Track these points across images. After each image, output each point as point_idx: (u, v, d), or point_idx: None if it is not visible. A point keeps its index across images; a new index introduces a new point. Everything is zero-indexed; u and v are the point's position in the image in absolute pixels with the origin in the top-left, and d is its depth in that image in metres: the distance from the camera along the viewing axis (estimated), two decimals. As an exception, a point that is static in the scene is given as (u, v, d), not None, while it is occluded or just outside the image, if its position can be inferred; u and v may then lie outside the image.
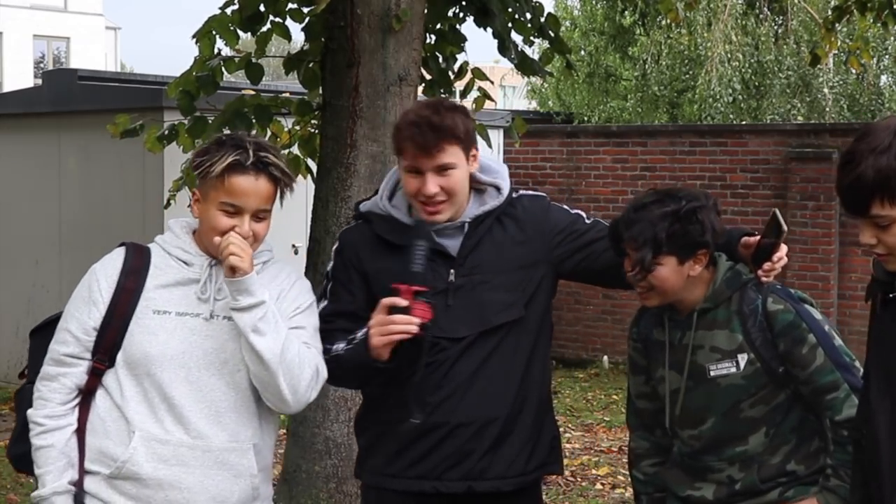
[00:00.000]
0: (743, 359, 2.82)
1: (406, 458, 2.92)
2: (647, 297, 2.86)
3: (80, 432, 2.70)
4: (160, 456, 2.63)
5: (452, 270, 2.90)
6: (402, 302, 2.74)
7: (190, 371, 2.65)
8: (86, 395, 2.71)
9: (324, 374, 2.77)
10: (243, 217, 2.65)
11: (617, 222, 2.87)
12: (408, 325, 2.73)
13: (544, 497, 6.49)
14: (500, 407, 2.92)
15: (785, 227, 2.83)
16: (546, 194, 3.15)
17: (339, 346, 2.88)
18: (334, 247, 3.06)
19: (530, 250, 2.97)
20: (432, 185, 2.82)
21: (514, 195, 3.02)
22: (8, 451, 2.86)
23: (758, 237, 2.88)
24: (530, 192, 3.10)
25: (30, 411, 2.72)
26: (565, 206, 3.12)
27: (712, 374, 2.84)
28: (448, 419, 2.88)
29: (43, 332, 2.84)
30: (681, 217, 2.78)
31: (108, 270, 2.72)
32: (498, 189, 2.98)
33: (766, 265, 2.85)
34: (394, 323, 2.74)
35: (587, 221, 3.06)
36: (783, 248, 2.89)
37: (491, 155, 3.23)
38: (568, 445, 7.85)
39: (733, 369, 2.82)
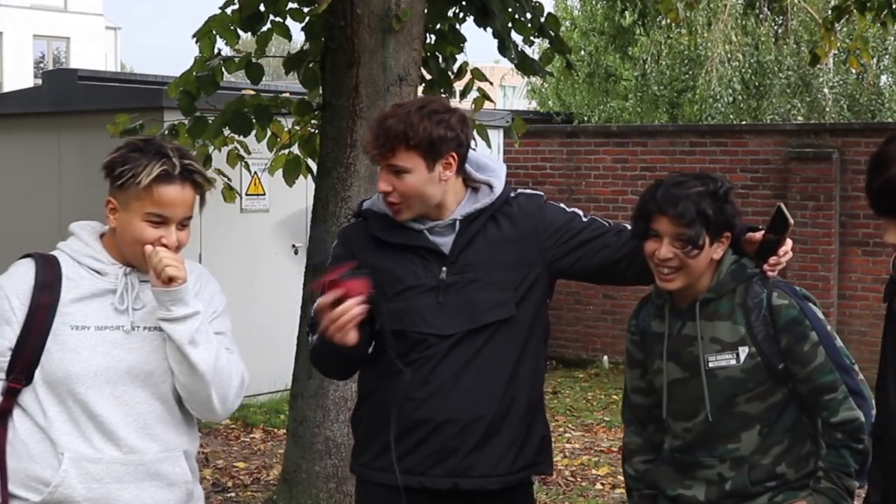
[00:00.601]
0: (744, 352, 2.80)
1: (393, 453, 2.92)
2: (671, 279, 2.81)
3: (0, 455, 2.57)
4: (93, 475, 2.55)
5: (444, 268, 2.91)
6: (329, 297, 2.72)
7: (115, 387, 2.57)
8: (1, 417, 2.57)
9: (247, 380, 2.74)
10: (170, 227, 2.57)
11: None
12: (351, 311, 2.72)
13: (544, 497, 6.53)
14: (487, 405, 2.92)
15: (791, 221, 2.85)
16: (543, 193, 3.15)
17: (314, 337, 2.93)
18: (334, 243, 3.11)
19: (524, 249, 2.97)
20: (384, 183, 2.88)
21: (511, 194, 3.02)
22: None
23: (762, 232, 2.88)
24: (527, 191, 3.10)
25: None
26: (562, 205, 3.11)
27: (710, 365, 2.82)
28: (434, 416, 2.89)
29: None
30: (718, 197, 2.80)
31: (18, 287, 2.60)
32: (491, 187, 2.99)
33: (772, 259, 2.86)
34: (338, 316, 2.72)
35: (583, 220, 3.05)
36: (788, 243, 2.89)
37: (490, 154, 3.22)
38: (568, 445, 7.85)
39: (733, 361, 2.81)
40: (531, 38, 6.62)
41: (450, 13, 6.28)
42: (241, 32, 5.85)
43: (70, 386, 2.55)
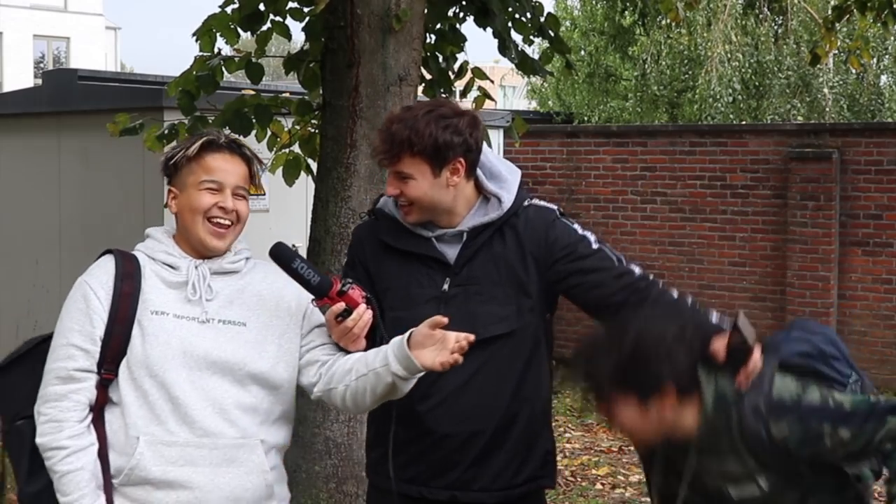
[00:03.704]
0: (762, 480, 2.72)
1: (396, 461, 2.93)
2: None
3: (102, 450, 2.62)
4: (167, 458, 2.58)
5: (448, 279, 2.89)
6: (340, 306, 2.70)
7: (192, 372, 2.61)
8: (97, 411, 2.63)
9: None
10: (225, 193, 2.69)
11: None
12: (361, 318, 2.70)
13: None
14: (488, 420, 2.90)
15: (754, 333, 2.69)
16: (556, 208, 3.04)
17: None
18: (350, 242, 3.12)
19: (527, 265, 2.92)
20: (391, 186, 2.88)
21: (524, 203, 2.96)
22: (20, 492, 2.70)
23: (726, 341, 2.72)
24: (540, 204, 3.02)
25: (43, 440, 2.59)
26: (575, 226, 3.00)
27: (735, 495, 2.74)
28: (435, 429, 2.89)
29: (4, 372, 2.74)
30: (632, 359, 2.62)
31: (101, 278, 2.67)
32: (500, 200, 2.94)
33: (744, 372, 2.69)
34: (352, 327, 2.70)
35: (592, 246, 2.95)
36: (757, 351, 2.69)
37: (504, 160, 3.16)
38: (568, 445, 7.85)
39: (757, 492, 2.72)
40: (531, 37, 6.62)
41: (450, 13, 6.28)
42: (241, 32, 5.85)
43: (149, 368, 2.59)
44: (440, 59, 6.32)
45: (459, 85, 6.58)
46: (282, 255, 2.73)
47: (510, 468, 2.94)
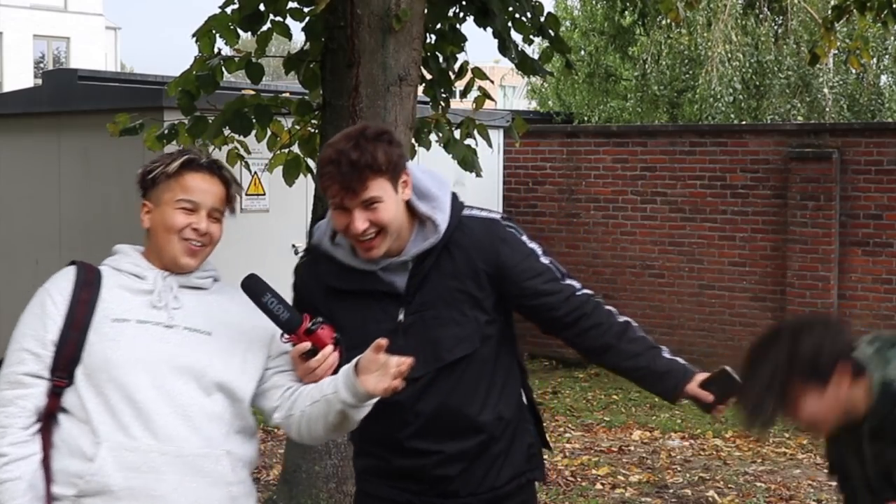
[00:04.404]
0: None
1: (384, 472, 2.94)
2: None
3: (45, 459, 2.54)
4: (130, 464, 2.50)
5: (402, 309, 2.83)
6: (305, 346, 2.65)
7: (155, 377, 2.55)
8: (46, 419, 2.56)
9: None
10: (200, 214, 2.66)
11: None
12: (326, 360, 2.65)
13: (544, 497, 6.52)
14: (469, 437, 2.90)
15: (739, 383, 2.79)
16: (498, 215, 2.96)
17: None
18: (293, 281, 2.98)
19: (481, 279, 2.86)
20: (360, 221, 2.72)
21: (462, 216, 2.88)
22: None
23: (702, 381, 2.87)
24: (481, 215, 2.93)
25: None
26: (523, 237, 2.94)
27: None
28: (418, 453, 2.89)
29: None
30: None
31: (60, 284, 2.65)
32: (435, 223, 2.83)
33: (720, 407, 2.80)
34: (316, 367, 2.65)
35: (541, 260, 2.92)
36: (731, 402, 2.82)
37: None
38: (568, 445, 7.85)
39: None
40: (531, 37, 6.62)
41: (450, 13, 6.28)
42: (241, 32, 5.85)
43: (109, 372, 2.54)
44: (440, 59, 6.32)
45: (459, 85, 6.58)
46: (253, 287, 2.70)
47: (493, 470, 2.94)
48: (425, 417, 2.86)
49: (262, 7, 5.79)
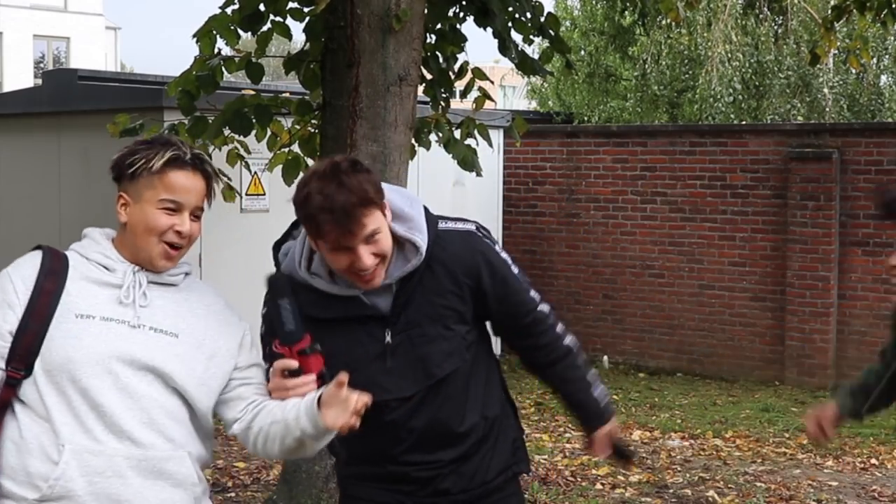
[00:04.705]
0: None
1: (374, 476, 2.95)
2: None
3: None
4: (94, 469, 2.44)
5: (388, 330, 2.80)
6: (293, 364, 2.60)
7: (118, 378, 2.47)
8: (1, 410, 2.47)
9: None
10: (183, 215, 2.56)
11: None
12: (305, 386, 2.60)
13: (544, 497, 6.52)
14: (461, 444, 2.92)
15: (634, 459, 2.94)
16: (473, 226, 2.94)
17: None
18: (265, 291, 2.83)
19: (463, 292, 2.85)
20: (368, 258, 2.67)
21: (438, 230, 2.84)
22: None
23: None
24: (457, 227, 2.90)
25: None
26: (496, 247, 2.94)
27: None
28: (412, 465, 2.90)
29: None
30: None
31: (23, 272, 2.54)
32: (416, 246, 2.79)
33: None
34: (291, 388, 2.60)
35: (513, 269, 2.92)
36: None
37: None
38: (568, 445, 7.85)
39: None
40: (531, 37, 6.62)
41: (450, 13, 6.28)
42: (241, 32, 5.85)
43: (71, 373, 2.45)
44: (440, 59, 6.32)
45: (459, 85, 6.58)
46: (277, 286, 2.68)
47: (484, 464, 2.97)
48: (418, 433, 2.87)
49: (262, 7, 5.79)
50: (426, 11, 5.47)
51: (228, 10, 5.84)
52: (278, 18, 5.93)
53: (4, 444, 2.48)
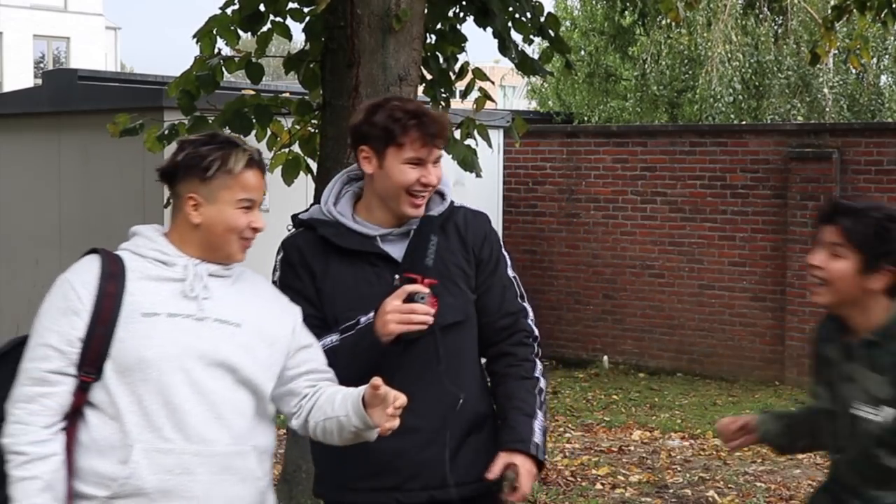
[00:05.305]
0: (889, 413, 2.74)
1: (367, 470, 2.90)
2: (818, 293, 2.85)
3: (69, 456, 2.50)
4: (164, 466, 2.49)
5: (397, 276, 2.87)
6: (424, 289, 2.76)
7: (189, 374, 2.52)
8: (72, 415, 2.51)
9: None
10: (256, 211, 2.65)
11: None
12: (427, 316, 2.76)
13: (544, 497, 6.52)
14: (459, 412, 2.90)
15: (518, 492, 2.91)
16: (487, 213, 3.14)
17: (331, 339, 2.85)
18: (279, 256, 3.00)
19: (471, 261, 2.98)
20: (434, 176, 2.87)
21: (454, 203, 3.03)
22: None
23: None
24: (471, 208, 3.08)
25: (6, 440, 2.48)
26: (501, 244, 3.10)
27: (855, 412, 2.78)
28: (406, 425, 2.81)
29: None
30: (884, 223, 2.78)
31: (83, 277, 2.55)
32: (441, 196, 2.97)
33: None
34: (415, 312, 2.75)
35: (508, 272, 3.05)
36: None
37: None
38: (568, 445, 7.85)
39: (876, 418, 2.75)
40: (531, 37, 6.62)
41: (450, 13, 6.28)
42: (241, 32, 5.86)
43: (144, 372, 2.50)
44: (440, 59, 6.32)
45: (460, 85, 6.57)
46: (427, 226, 2.88)
47: (479, 458, 2.94)
48: (418, 384, 2.84)
49: (262, 7, 5.79)
50: (426, 11, 5.47)
51: (228, 11, 5.84)
52: (278, 19, 5.94)
53: (78, 448, 2.52)
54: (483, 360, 3.08)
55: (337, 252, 2.89)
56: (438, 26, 6.24)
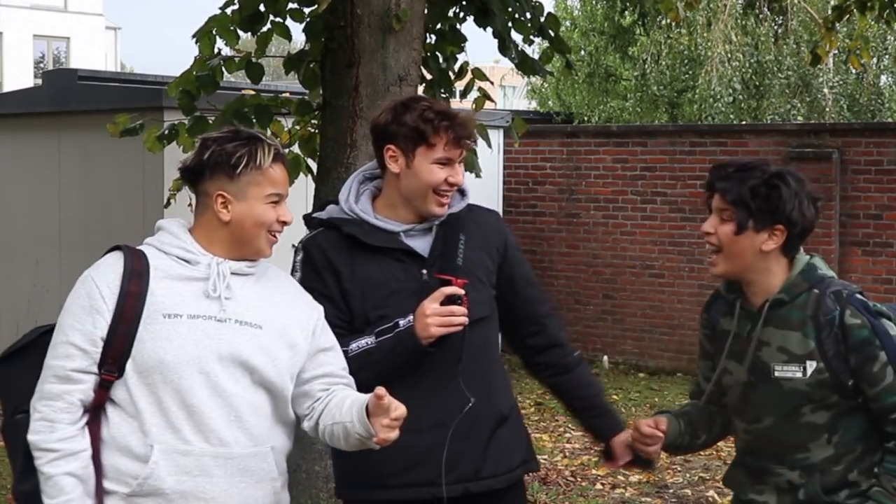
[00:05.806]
0: (811, 366, 2.75)
1: (400, 466, 2.91)
2: (713, 262, 2.86)
3: (95, 452, 2.54)
4: (183, 468, 2.53)
5: (424, 270, 2.90)
6: (460, 291, 2.81)
7: (208, 377, 2.54)
8: (94, 411, 2.55)
9: None
10: (283, 205, 2.66)
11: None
12: (464, 317, 2.81)
13: (544, 497, 6.52)
14: (487, 402, 2.95)
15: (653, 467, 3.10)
16: (498, 211, 3.24)
17: (366, 341, 2.86)
18: (298, 257, 3.00)
19: (493, 256, 3.03)
20: (461, 175, 2.91)
21: (469, 202, 3.08)
22: (14, 489, 2.63)
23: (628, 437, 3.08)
24: (483, 206, 3.13)
25: (34, 437, 2.52)
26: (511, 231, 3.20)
27: (776, 374, 2.79)
28: (435, 418, 2.90)
29: (7, 363, 2.67)
30: (766, 181, 2.78)
31: (107, 276, 2.57)
32: (462, 193, 3.01)
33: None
34: (454, 314, 2.80)
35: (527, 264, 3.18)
36: None
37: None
38: (568, 445, 7.85)
39: (799, 374, 2.76)
40: (531, 37, 6.62)
41: (450, 13, 6.28)
42: (241, 32, 5.86)
43: (164, 374, 2.52)
44: (440, 59, 6.33)
45: (459, 85, 6.58)
46: (457, 223, 2.93)
47: (506, 451, 2.99)
48: (446, 378, 2.91)
49: (262, 7, 5.80)
50: (426, 11, 5.48)
51: (228, 11, 5.85)
52: (278, 19, 5.94)
53: (101, 446, 2.55)
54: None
55: (362, 250, 2.91)
56: (438, 26, 6.25)
